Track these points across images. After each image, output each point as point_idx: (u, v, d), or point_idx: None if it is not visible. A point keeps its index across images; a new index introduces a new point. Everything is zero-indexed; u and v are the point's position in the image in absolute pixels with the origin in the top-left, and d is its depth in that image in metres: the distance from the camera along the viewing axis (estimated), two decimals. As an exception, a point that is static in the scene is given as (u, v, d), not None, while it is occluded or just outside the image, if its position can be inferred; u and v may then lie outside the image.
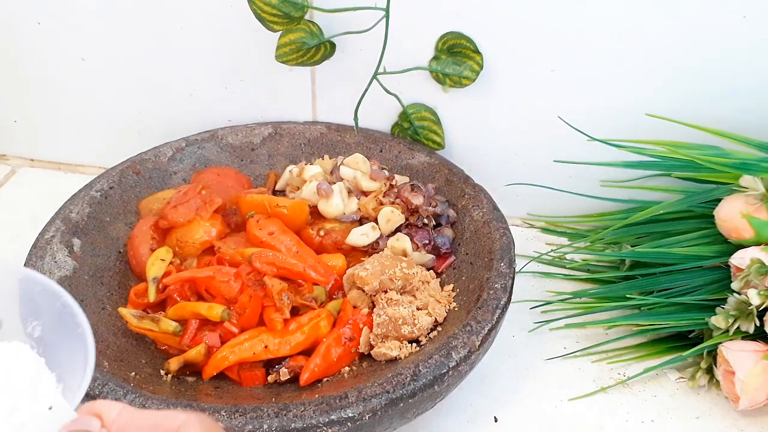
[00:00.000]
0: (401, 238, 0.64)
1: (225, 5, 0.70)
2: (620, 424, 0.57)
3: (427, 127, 0.73)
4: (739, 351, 0.56)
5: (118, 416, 0.30)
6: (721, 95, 0.66)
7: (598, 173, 0.72)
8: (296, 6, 0.65)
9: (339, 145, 0.74)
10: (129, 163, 0.69)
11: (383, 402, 0.48)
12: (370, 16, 0.66)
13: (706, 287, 0.61)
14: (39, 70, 0.78)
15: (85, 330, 0.34)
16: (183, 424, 0.28)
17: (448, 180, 0.69)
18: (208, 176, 0.70)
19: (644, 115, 0.66)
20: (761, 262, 0.55)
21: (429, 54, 0.69)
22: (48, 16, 0.74)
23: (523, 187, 0.74)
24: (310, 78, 0.74)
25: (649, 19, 0.63)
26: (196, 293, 0.59)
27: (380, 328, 0.56)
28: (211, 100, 0.77)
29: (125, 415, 0.30)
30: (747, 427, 0.57)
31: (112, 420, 0.29)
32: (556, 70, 0.68)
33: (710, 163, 0.60)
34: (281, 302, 0.56)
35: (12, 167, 0.85)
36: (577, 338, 0.65)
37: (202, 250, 0.63)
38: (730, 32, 0.62)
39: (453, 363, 0.50)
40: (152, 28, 0.73)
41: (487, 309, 0.54)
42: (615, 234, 0.66)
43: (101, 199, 0.65)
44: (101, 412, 0.30)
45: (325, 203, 0.65)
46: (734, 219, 0.58)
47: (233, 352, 0.55)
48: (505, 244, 0.60)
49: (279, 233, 0.62)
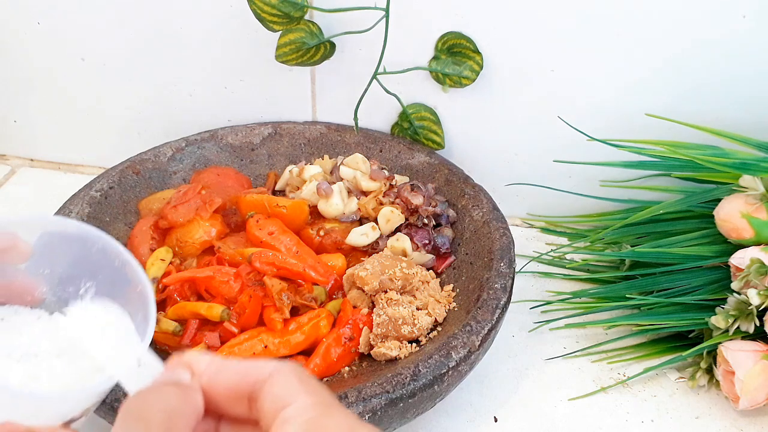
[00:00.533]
0: (401, 238, 0.64)
1: (225, 5, 0.70)
2: (620, 424, 0.57)
3: (427, 127, 0.73)
4: (739, 351, 0.56)
5: (208, 366, 0.29)
6: (720, 95, 0.66)
7: (597, 173, 0.72)
8: (296, 6, 0.65)
9: (339, 145, 0.74)
10: (129, 163, 0.69)
11: (383, 402, 0.48)
12: (369, 16, 0.66)
13: (706, 287, 0.61)
14: (39, 70, 0.78)
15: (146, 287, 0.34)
16: (275, 371, 0.28)
17: (448, 180, 0.69)
18: (207, 176, 0.70)
19: (644, 115, 0.66)
20: (761, 262, 0.55)
21: (429, 54, 0.69)
22: (48, 16, 0.74)
23: (523, 187, 0.74)
24: (310, 78, 0.74)
25: (648, 19, 0.63)
26: (196, 293, 0.59)
27: (380, 328, 0.56)
28: (210, 100, 0.77)
29: (215, 365, 0.29)
30: (747, 427, 0.57)
31: (201, 370, 0.29)
32: (556, 70, 0.68)
33: (710, 163, 0.60)
34: (281, 302, 0.56)
35: (12, 167, 0.85)
36: (576, 338, 0.65)
37: (202, 250, 0.63)
38: (730, 32, 0.62)
39: (453, 363, 0.50)
40: (152, 28, 0.73)
41: (487, 309, 0.54)
42: (615, 234, 0.66)
43: (101, 199, 0.65)
44: (191, 363, 0.29)
45: (325, 203, 0.65)
46: (734, 219, 0.58)
47: (233, 352, 0.55)
48: (505, 244, 0.60)
49: (279, 233, 0.62)
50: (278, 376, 0.27)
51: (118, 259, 0.35)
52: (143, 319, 0.33)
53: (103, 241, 0.35)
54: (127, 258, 0.34)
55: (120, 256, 0.35)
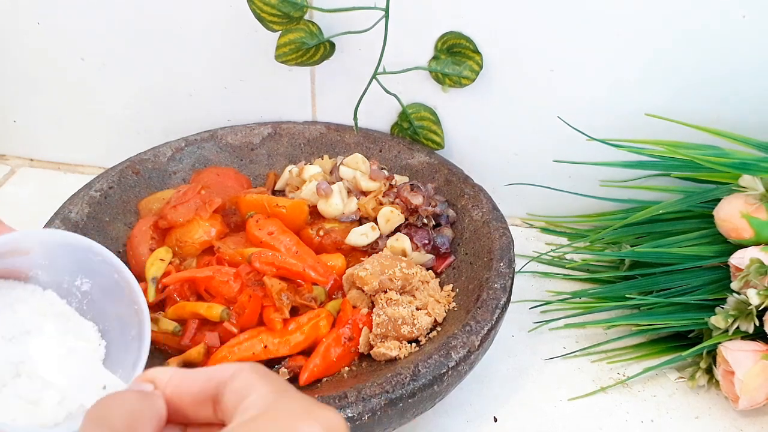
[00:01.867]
0: (401, 238, 0.64)
1: (225, 5, 0.70)
2: (619, 424, 0.57)
3: (427, 127, 0.73)
4: (739, 351, 0.56)
5: (171, 378, 0.30)
6: (720, 95, 0.66)
7: (597, 173, 0.72)
8: (296, 6, 0.65)
9: (338, 145, 0.74)
10: (128, 163, 0.69)
11: (382, 402, 0.48)
12: (369, 16, 0.66)
13: (706, 287, 0.61)
14: (39, 70, 0.78)
15: (141, 306, 0.34)
16: (237, 370, 0.29)
17: (448, 180, 0.69)
18: (207, 176, 0.70)
19: (644, 115, 0.66)
20: (761, 262, 0.55)
21: (428, 54, 0.69)
22: (48, 16, 0.74)
23: (522, 187, 0.74)
24: (310, 78, 0.74)
25: (648, 19, 0.63)
26: (196, 293, 0.59)
27: (380, 328, 0.56)
28: (210, 100, 0.77)
29: (178, 376, 0.30)
30: (746, 426, 0.57)
31: (165, 383, 0.30)
32: (555, 70, 0.68)
33: (710, 163, 0.60)
34: (281, 302, 0.56)
35: (12, 167, 0.85)
36: (576, 338, 0.65)
37: (202, 250, 0.63)
38: (730, 32, 0.62)
39: (452, 363, 0.50)
40: (152, 28, 0.73)
41: (487, 309, 0.54)
42: (614, 234, 0.66)
43: (101, 199, 0.65)
44: (154, 378, 0.30)
45: (325, 203, 0.65)
46: (734, 219, 0.58)
47: (233, 352, 0.55)
48: (505, 244, 0.60)
49: (278, 233, 0.62)
50: (239, 373, 0.28)
51: (117, 273, 0.35)
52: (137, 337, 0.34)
53: (106, 254, 0.35)
54: (126, 273, 0.35)
55: (120, 271, 0.35)
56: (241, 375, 0.28)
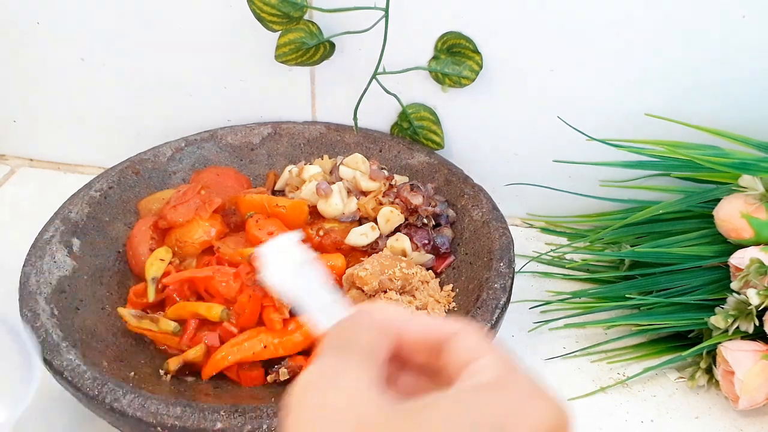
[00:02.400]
0: (400, 238, 0.64)
1: (224, 5, 0.70)
2: (619, 424, 0.57)
3: (427, 127, 0.73)
4: (739, 351, 0.56)
5: (397, 314, 0.31)
6: (720, 95, 0.66)
7: (597, 173, 0.72)
8: (295, 6, 0.65)
9: (338, 145, 0.74)
10: (128, 163, 0.69)
11: (382, 402, 0.47)
12: (369, 16, 0.66)
13: (706, 287, 0.61)
14: (38, 70, 0.78)
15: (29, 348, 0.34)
16: (463, 328, 0.30)
17: (448, 180, 0.69)
18: (207, 176, 0.70)
19: (644, 115, 0.66)
20: (760, 262, 0.55)
21: (428, 54, 0.69)
22: (47, 16, 0.74)
23: (522, 187, 0.74)
24: (310, 78, 0.74)
25: (648, 19, 0.63)
26: (196, 293, 0.59)
27: (379, 328, 0.56)
28: (210, 100, 0.77)
29: (404, 314, 0.31)
30: (746, 427, 0.57)
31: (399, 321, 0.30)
32: (555, 70, 0.68)
33: (709, 163, 0.60)
34: (280, 302, 0.56)
35: (11, 167, 0.85)
36: (576, 338, 0.65)
37: (202, 250, 0.63)
38: (730, 32, 0.62)
39: (452, 363, 0.50)
40: (151, 28, 0.73)
41: (487, 309, 0.54)
42: (614, 234, 0.66)
43: (100, 199, 0.65)
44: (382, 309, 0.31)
45: (325, 203, 0.65)
46: (733, 219, 0.58)
47: (232, 352, 0.55)
48: (505, 244, 0.60)
49: (278, 233, 0.62)
50: (467, 333, 0.29)
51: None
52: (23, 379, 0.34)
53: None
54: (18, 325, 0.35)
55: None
56: (471, 335, 0.29)
